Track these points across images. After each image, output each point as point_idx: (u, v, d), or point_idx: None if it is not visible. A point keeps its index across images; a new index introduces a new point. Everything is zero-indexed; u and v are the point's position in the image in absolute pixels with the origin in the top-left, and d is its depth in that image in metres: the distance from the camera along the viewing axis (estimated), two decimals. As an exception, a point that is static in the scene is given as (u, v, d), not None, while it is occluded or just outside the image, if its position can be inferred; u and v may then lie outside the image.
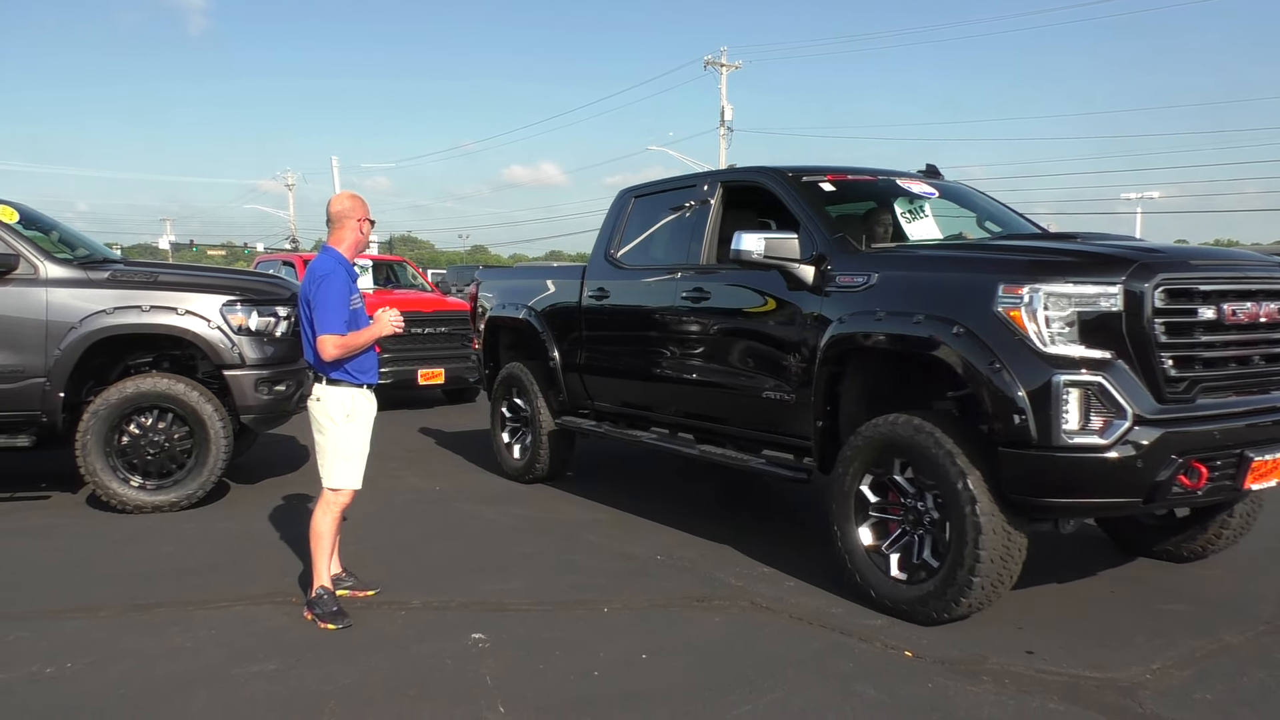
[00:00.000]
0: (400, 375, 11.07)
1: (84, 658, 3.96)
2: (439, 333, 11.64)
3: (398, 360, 10.98)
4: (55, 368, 6.18)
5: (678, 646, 4.10)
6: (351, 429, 4.42)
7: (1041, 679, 3.77)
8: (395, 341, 10.36)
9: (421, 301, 12.10)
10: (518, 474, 7.46)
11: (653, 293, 6.14)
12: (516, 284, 7.94)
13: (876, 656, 4.00)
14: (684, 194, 6.28)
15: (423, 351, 11.42)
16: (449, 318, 11.83)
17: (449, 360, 11.58)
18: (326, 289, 4.28)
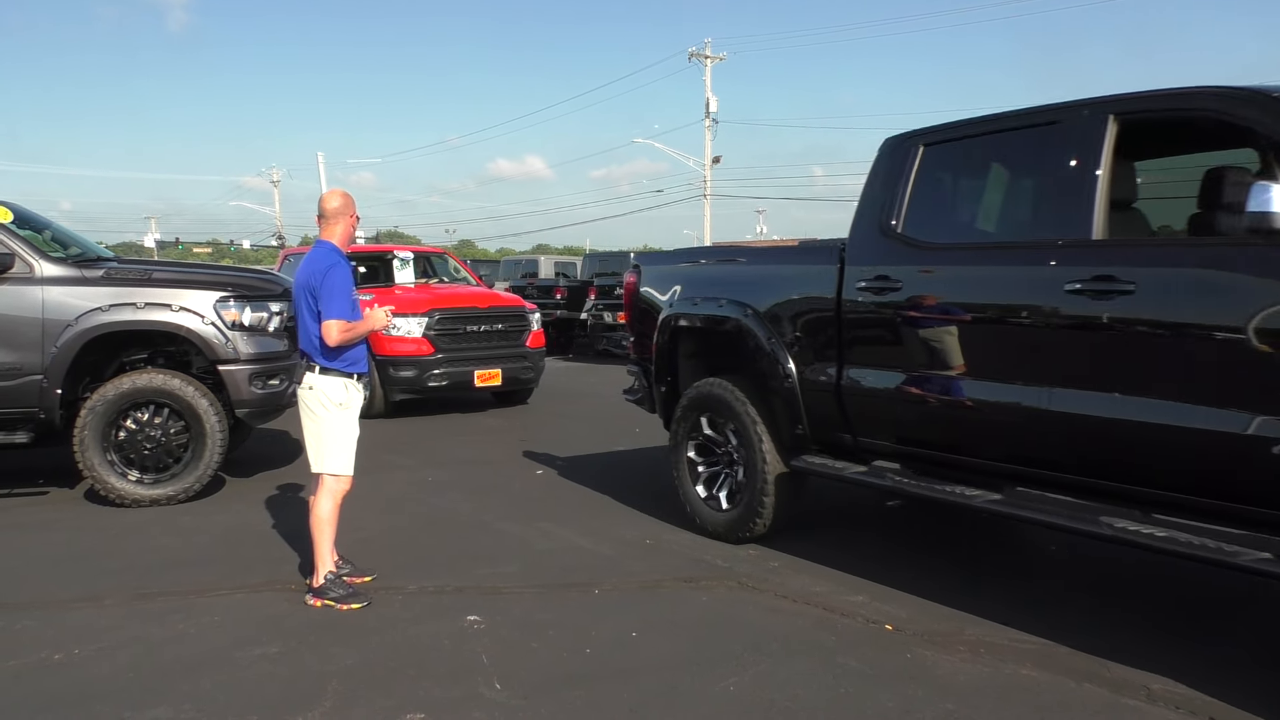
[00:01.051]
0: (455, 377, 10.50)
1: (91, 644, 4.08)
2: (495, 330, 10.96)
3: (452, 361, 10.47)
4: (52, 365, 6.27)
5: (666, 624, 4.25)
6: (343, 416, 4.59)
7: (1016, 648, 3.93)
8: (449, 341, 10.36)
9: (476, 297, 11.41)
10: (726, 530, 5.49)
11: (1000, 284, 4.24)
12: (714, 272, 5.93)
13: (858, 630, 4.16)
14: (1025, 136, 4.35)
15: (478, 351, 10.80)
16: (505, 314, 11.21)
17: (506, 360, 10.93)
18: (334, 277, 4.47)
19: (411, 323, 10.33)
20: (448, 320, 10.56)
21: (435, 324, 10.45)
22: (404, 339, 10.28)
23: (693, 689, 3.59)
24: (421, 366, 10.33)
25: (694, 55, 38.57)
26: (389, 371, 10.29)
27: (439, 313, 10.54)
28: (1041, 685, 3.58)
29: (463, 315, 10.71)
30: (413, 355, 10.30)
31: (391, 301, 10.23)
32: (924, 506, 6.29)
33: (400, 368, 10.29)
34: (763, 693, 3.54)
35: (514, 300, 11.79)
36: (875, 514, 6.22)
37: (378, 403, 10.27)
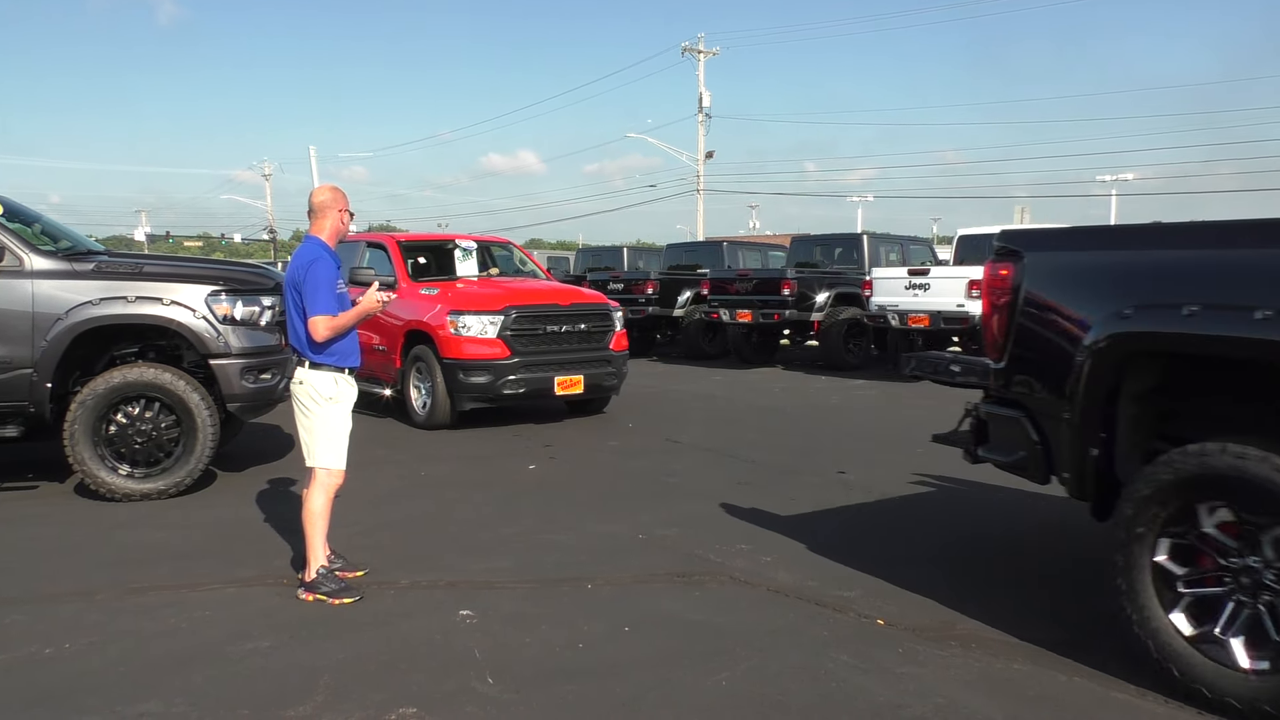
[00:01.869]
0: (533, 384, 9.27)
1: (82, 639, 4.06)
2: (577, 331, 9.66)
3: (531, 366, 9.25)
4: (42, 359, 6.24)
5: (659, 619, 4.25)
6: (334, 410, 4.58)
7: (1007, 643, 3.95)
8: (527, 343, 9.20)
9: (556, 293, 10.07)
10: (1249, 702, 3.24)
11: None
12: (1223, 261, 3.47)
13: (850, 625, 4.18)
14: None
15: (559, 355, 9.51)
16: (589, 313, 9.90)
17: (588, 365, 9.65)
18: (316, 272, 4.46)
19: (484, 321, 9.13)
20: (526, 319, 9.32)
21: (512, 323, 9.20)
22: (476, 340, 9.07)
23: (685, 683, 3.59)
24: (496, 372, 9.08)
25: (687, 50, 38.56)
26: (458, 377, 9.04)
27: (516, 310, 9.28)
28: (1032, 680, 3.60)
29: (543, 314, 9.49)
30: (486, 359, 9.05)
31: (458, 298, 9.47)
32: (918, 506, 6.31)
33: (471, 373, 9.03)
34: (755, 687, 3.55)
35: (597, 297, 10.46)
36: (869, 512, 6.23)
37: (442, 412, 9.21)
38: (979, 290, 12.61)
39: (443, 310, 9.21)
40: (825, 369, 15.13)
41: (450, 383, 9.10)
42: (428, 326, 9.28)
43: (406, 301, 9.56)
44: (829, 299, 15.21)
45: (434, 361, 9.19)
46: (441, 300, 9.43)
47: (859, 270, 15.81)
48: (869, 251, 16.34)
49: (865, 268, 15.70)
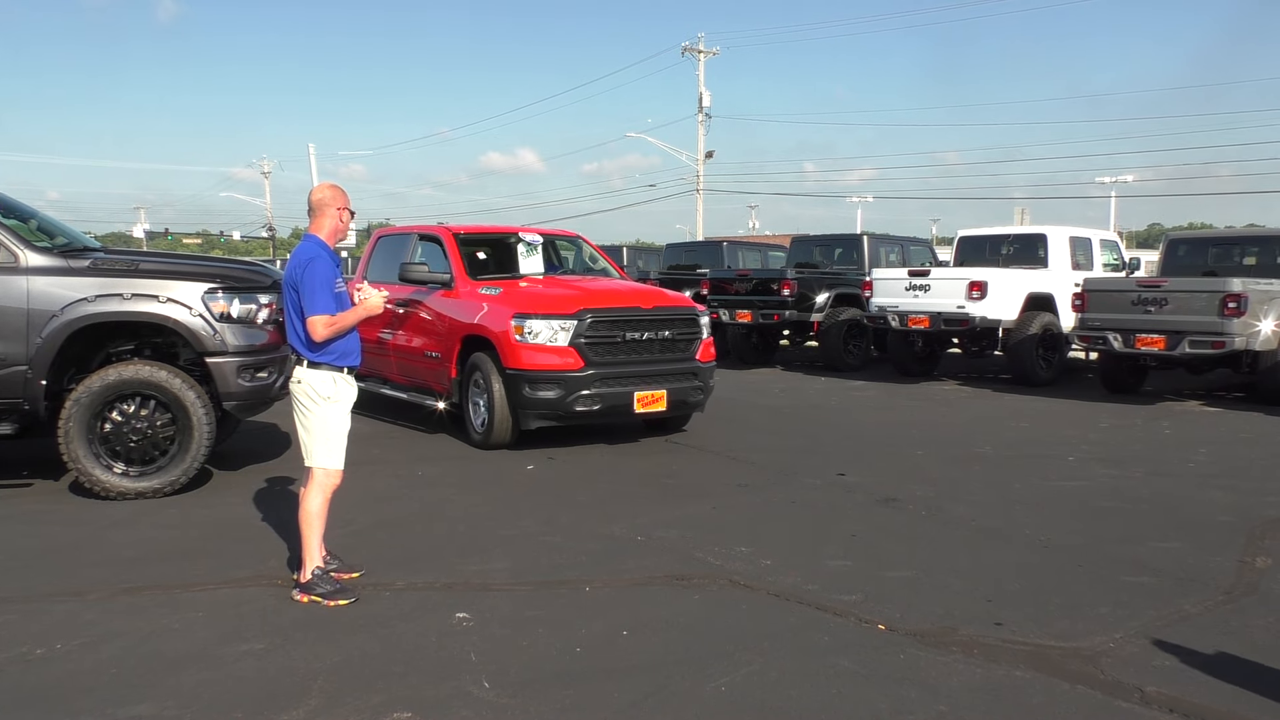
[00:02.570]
0: (611, 400, 7.95)
1: (74, 639, 4.02)
2: (660, 339, 8.29)
3: (607, 380, 7.95)
4: (37, 356, 6.19)
5: (658, 623, 4.21)
6: (332, 410, 4.53)
7: (1009, 648, 3.91)
8: (603, 353, 7.98)
9: (637, 295, 8.68)
10: None
11: None
12: None
13: (851, 630, 4.13)
14: None
15: (640, 366, 8.15)
16: (674, 318, 8.43)
17: (672, 378, 8.28)
18: (313, 272, 4.42)
19: (555, 327, 7.87)
20: (603, 325, 8.02)
21: (587, 329, 7.92)
22: (544, 349, 7.82)
23: (684, 688, 3.55)
24: (568, 385, 7.82)
25: (687, 50, 38.54)
26: (523, 391, 7.83)
27: (591, 314, 7.98)
28: (1034, 687, 3.56)
29: (622, 318, 8.17)
30: (556, 370, 7.81)
31: (524, 299, 8.21)
32: (917, 508, 6.28)
33: (539, 386, 7.82)
34: (754, 693, 3.51)
35: (682, 300, 9.10)
36: (868, 513, 6.18)
37: (502, 430, 8.06)
38: (979, 292, 12.74)
39: (506, 313, 8.03)
40: (825, 370, 15.09)
41: (513, 397, 7.92)
42: (488, 331, 8.13)
43: (464, 302, 8.61)
44: (829, 300, 15.14)
45: (494, 372, 8.02)
46: (505, 301, 8.24)
47: (859, 271, 15.78)
48: (869, 252, 16.31)
49: (865, 268, 15.67)
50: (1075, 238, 14.33)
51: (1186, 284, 11.34)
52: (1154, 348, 11.11)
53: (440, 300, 8.89)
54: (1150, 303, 11.17)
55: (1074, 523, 5.89)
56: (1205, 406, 11.35)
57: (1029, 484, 6.97)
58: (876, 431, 9.40)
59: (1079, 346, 12.85)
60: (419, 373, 9.18)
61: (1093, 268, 14.25)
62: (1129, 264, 14.78)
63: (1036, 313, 13.01)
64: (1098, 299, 11.79)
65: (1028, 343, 12.88)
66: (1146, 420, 10.20)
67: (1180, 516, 6.09)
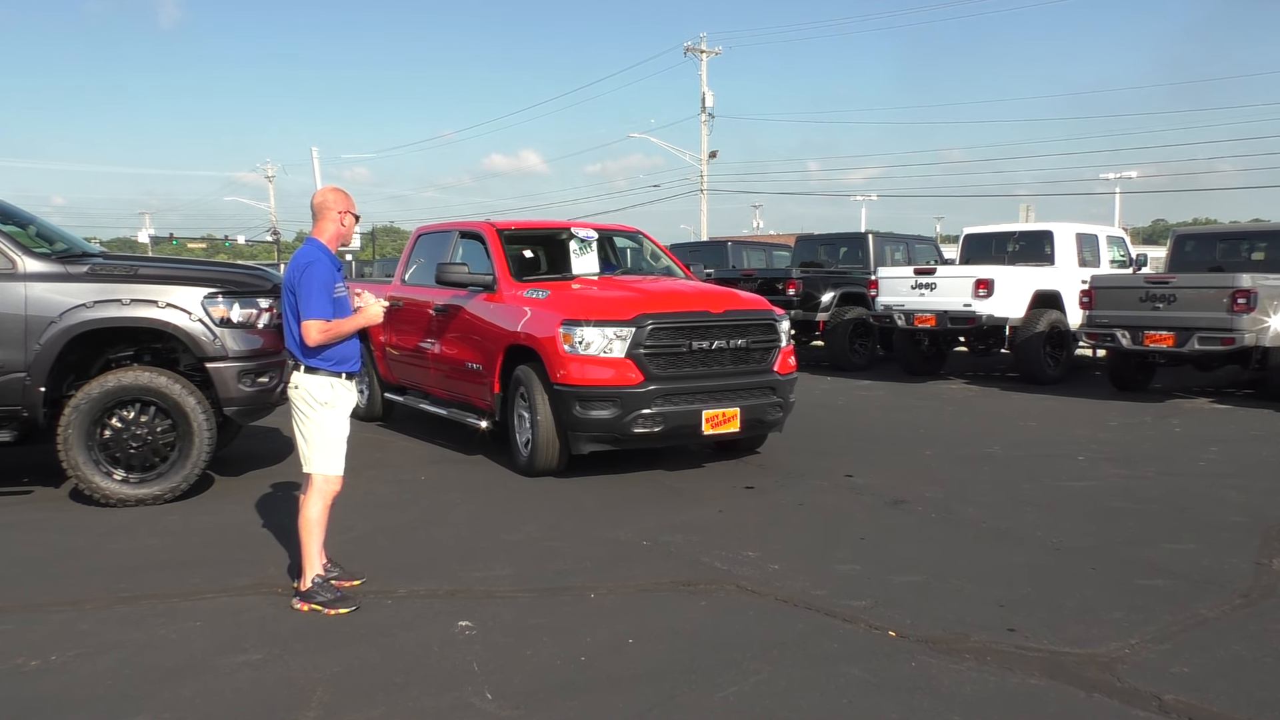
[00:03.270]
0: (675, 420, 6.82)
1: (70, 650, 3.95)
2: (733, 348, 7.12)
3: (671, 396, 6.81)
4: (35, 362, 6.13)
5: (664, 630, 4.13)
6: (330, 415, 4.47)
7: (1023, 655, 3.83)
8: (666, 364, 6.89)
9: (704, 297, 7.49)
10: None
11: None
12: None
13: (860, 637, 4.05)
14: None
15: (709, 380, 7.02)
16: (748, 323, 7.27)
17: (747, 393, 7.14)
18: (310, 275, 4.36)
19: (609, 334, 6.77)
20: (666, 331, 6.88)
21: (647, 338, 6.79)
22: (597, 360, 6.75)
23: (691, 699, 3.47)
24: (624, 403, 6.70)
25: (690, 50, 38.47)
26: (573, 410, 6.76)
27: (652, 320, 6.85)
28: (1049, 696, 3.47)
29: (688, 324, 7.00)
30: (610, 385, 6.72)
31: (574, 302, 7.13)
32: (926, 510, 6.20)
33: (591, 404, 6.74)
34: (763, 703, 3.43)
35: (757, 302, 7.73)
36: (877, 516, 6.10)
37: (548, 455, 7.00)
38: (986, 290, 12.64)
39: (553, 319, 6.94)
40: (831, 369, 14.99)
41: (562, 416, 6.85)
42: (533, 340, 7.06)
43: (507, 307, 7.57)
44: (834, 299, 15.00)
45: (539, 387, 6.98)
46: (553, 306, 7.15)
47: (864, 269, 15.68)
48: (874, 251, 16.21)
49: (871, 267, 15.57)
50: (1082, 234, 14.22)
51: (1195, 280, 11.23)
52: (1163, 345, 10.99)
53: (481, 305, 7.88)
54: (1158, 299, 11.05)
55: (1085, 524, 5.81)
56: (1214, 404, 11.25)
57: (1039, 484, 6.89)
58: (884, 432, 9.32)
59: (1086, 344, 12.74)
60: (459, 387, 8.23)
61: (1099, 264, 14.14)
62: (1136, 260, 14.66)
63: (1043, 310, 12.91)
64: (1105, 296, 11.68)
65: (1035, 341, 12.78)
66: (1156, 418, 10.10)
67: (1193, 517, 6.00)
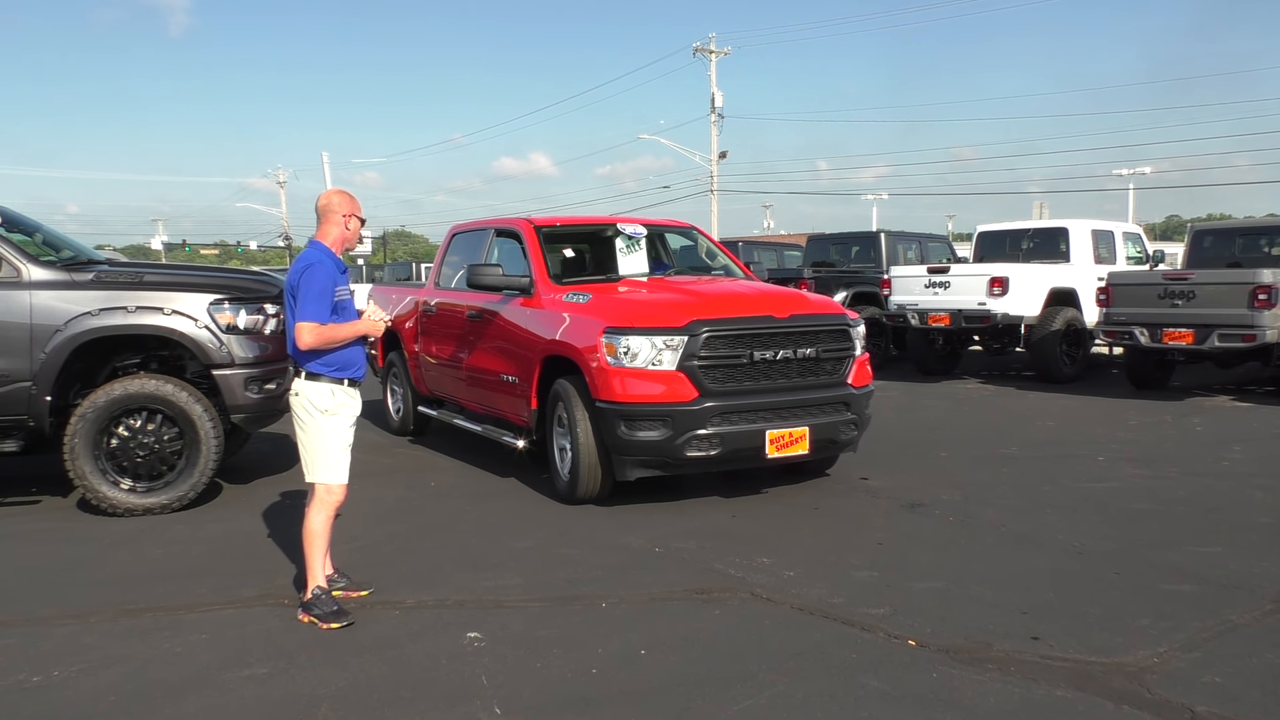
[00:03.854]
0: (734, 443, 5.95)
1: (73, 665, 3.88)
2: (800, 359, 6.23)
3: (729, 414, 5.94)
4: (41, 371, 6.08)
5: (677, 641, 4.03)
6: (330, 424, 4.36)
7: (1047, 665, 3.71)
8: (724, 378, 6.00)
9: (767, 299, 6.58)
10: None
11: None
12: None
13: (879, 646, 3.94)
14: None
15: (774, 395, 6.12)
16: (817, 328, 6.36)
17: (818, 409, 6.26)
18: (310, 277, 4.27)
19: (658, 345, 5.93)
20: (723, 340, 6.02)
21: (701, 347, 5.94)
22: (645, 374, 5.93)
23: (705, 712, 3.37)
24: (677, 423, 5.86)
25: (699, 50, 38.36)
26: (618, 431, 5.94)
27: (708, 327, 5.99)
28: (1077, 708, 3.35)
29: (749, 331, 6.12)
30: (660, 403, 5.90)
31: (618, 308, 6.32)
32: (944, 513, 6.08)
33: (638, 425, 5.91)
34: (780, 716, 3.32)
35: (827, 305, 6.84)
36: (894, 520, 5.99)
37: (590, 480, 6.19)
38: (1001, 288, 12.48)
39: (595, 326, 6.15)
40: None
41: (606, 437, 6.04)
42: (572, 350, 6.29)
43: (545, 313, 6.78)
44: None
45: (580, 404, 6.19)
46: (594, 311, 6.35)
47: (877, 269, 15.53)
48: (887, 249, 16.06)
49: (883, 266, 15.43)
50: (1098, 231, 14.05)
51: (1215, 276, 11.06)
52: (1182, 342, 10.82)
53: (517, 310, 7.11)
54: (1177, 296, 10.88)
55: (1107, 527, 5.68)
56: (1235, 402, 11.07)
57: (1059, 486, 6.75)
58: (899, 433, 9.19)
59: (1102, 342, 12.58)
60: (495, 401, 7.50)
61: (1116, 261, 13.97)
62: (1153, 256, 14.47)
63: (1059, 308, 12.75)
64: (1123, 293, 11.52)
65: (1051, 339, 12.62)
66: (1176, 417, 9.94)
67: (1219, 519, 5.86)
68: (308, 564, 4.39)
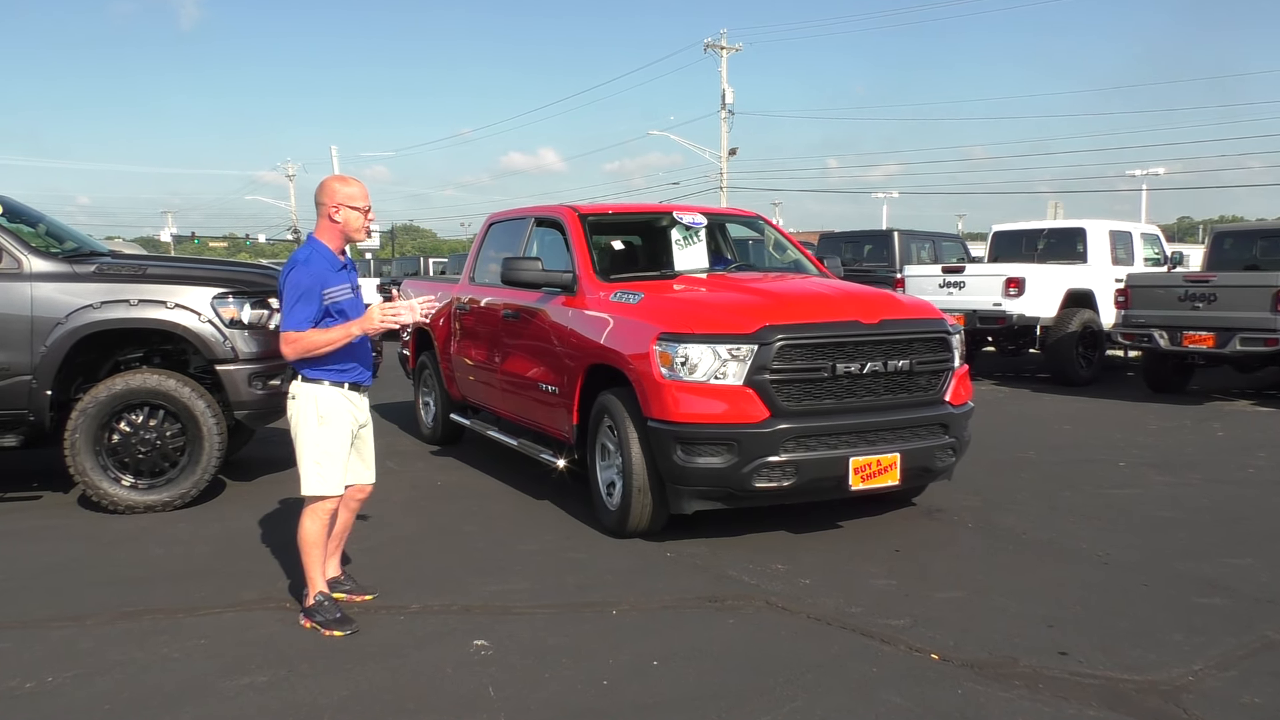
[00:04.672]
0: (812, 471, 5.05)
1: (68, 670, 3.76)
2: (892, 371, 5.31)
3: (806, 438, 5.04)
4: (41, 365, 5.97)
5: (691, 651, 3.89)
6: (325, 433, 4.07)
7: (1078, 682, 3.56)
8: (800, 394, 5.13)
9: (849, 301, 5.66)
10: None
11: None
12: None
13: (901, 660, 3.80)
14: None
15: (859, 416, 5.21)
16: (912, 335, 5.44)
17: (911, 432, 5.34)
18: (293, 279, 3.94)
19: (723, 354, 5.05)
20: (800, 349, 5.13)
21: (774, 358, 5.05)
22: (704, 389, 5.06)
23: (721, 729, 3.23)
24: (743, 448, 4.98)
25: (710, 46, 38.17)
26: (673, 457, 5.07)
27: (782, 334, 5.09)
28: (1111, 728, 3.21)
29: (830, 339, 5.21)
30: (724, 423, 5.02)
31: (674, 310, 5.47)
32: (963, 519, 5.92)
33: (696, 449, 5.05)
34: (799, 735, 3.18)
35: (921, 308, 5.84)
36: (912, 526, 5.83)
37: (642, 511, 5.36)
38: (1017, 289, 12.30)
39: (647, 331, 5.30)
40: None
41: (659, 462, 5.19)
42: (620, 358, 5.45)
43: (589, 314, 5.93)
44: None
45: (630, 422, 5.34)
46: (646, 313, 5.50)
47: (889, 268, 15.36)
48: (900, 248, 15.90)
49: (896, 265, 15.26)
50: (1115, 231, 13.85)
51: (1236, 279, 10.85)
52: (1203, 345, 10.62)
53: (558, 310, 6.24)
54: (1198, 298, 10.68)
55: (1132, 536, 5.52)
56: (1256, 406, 10.87)
57: (1080, 492, 6.59)
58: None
59: (1120, 344, 12.38)
60: (531, 411, 6.73)
61: (1134, 262, 13.77)
62: (1171, 258, 14.26)
63: (1076, 310, 12.57)
64: (1142, 295, 11.33)
65: (1067, 341, 12.44)
66: (1196, 422, 9.75)
67: (1248, 528, 5.69)
68: (306, 571, 4.23)
